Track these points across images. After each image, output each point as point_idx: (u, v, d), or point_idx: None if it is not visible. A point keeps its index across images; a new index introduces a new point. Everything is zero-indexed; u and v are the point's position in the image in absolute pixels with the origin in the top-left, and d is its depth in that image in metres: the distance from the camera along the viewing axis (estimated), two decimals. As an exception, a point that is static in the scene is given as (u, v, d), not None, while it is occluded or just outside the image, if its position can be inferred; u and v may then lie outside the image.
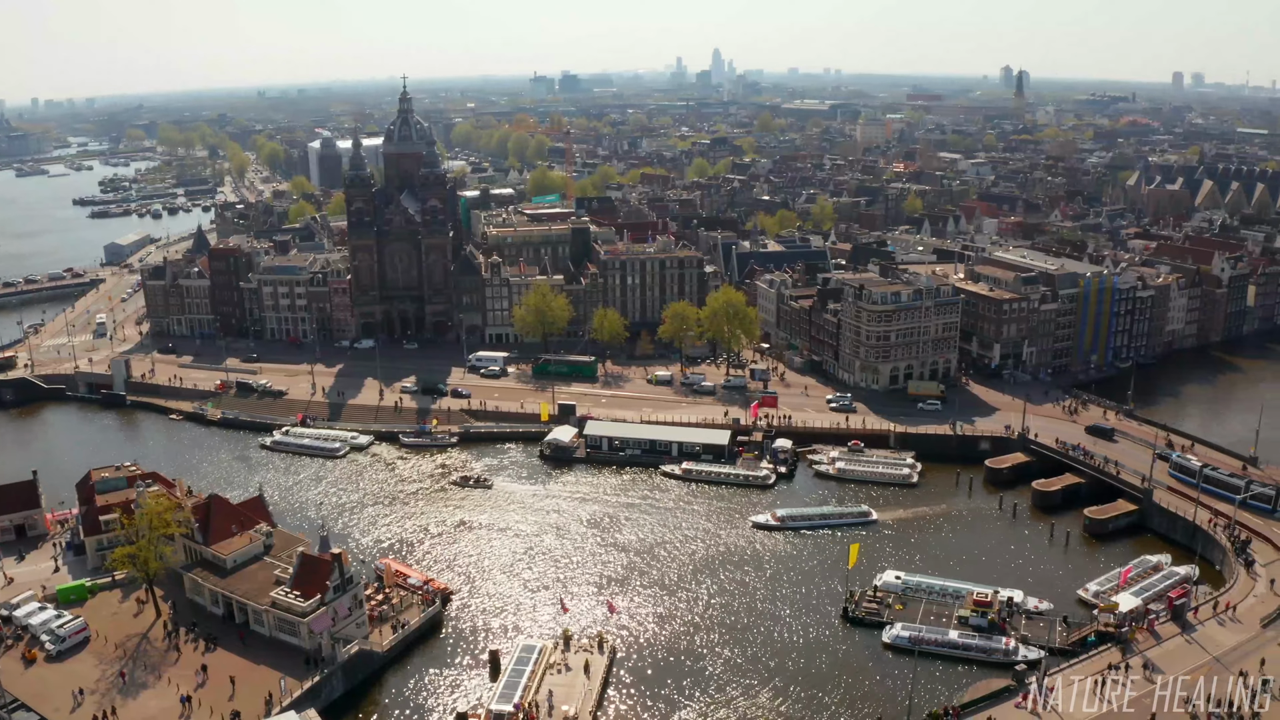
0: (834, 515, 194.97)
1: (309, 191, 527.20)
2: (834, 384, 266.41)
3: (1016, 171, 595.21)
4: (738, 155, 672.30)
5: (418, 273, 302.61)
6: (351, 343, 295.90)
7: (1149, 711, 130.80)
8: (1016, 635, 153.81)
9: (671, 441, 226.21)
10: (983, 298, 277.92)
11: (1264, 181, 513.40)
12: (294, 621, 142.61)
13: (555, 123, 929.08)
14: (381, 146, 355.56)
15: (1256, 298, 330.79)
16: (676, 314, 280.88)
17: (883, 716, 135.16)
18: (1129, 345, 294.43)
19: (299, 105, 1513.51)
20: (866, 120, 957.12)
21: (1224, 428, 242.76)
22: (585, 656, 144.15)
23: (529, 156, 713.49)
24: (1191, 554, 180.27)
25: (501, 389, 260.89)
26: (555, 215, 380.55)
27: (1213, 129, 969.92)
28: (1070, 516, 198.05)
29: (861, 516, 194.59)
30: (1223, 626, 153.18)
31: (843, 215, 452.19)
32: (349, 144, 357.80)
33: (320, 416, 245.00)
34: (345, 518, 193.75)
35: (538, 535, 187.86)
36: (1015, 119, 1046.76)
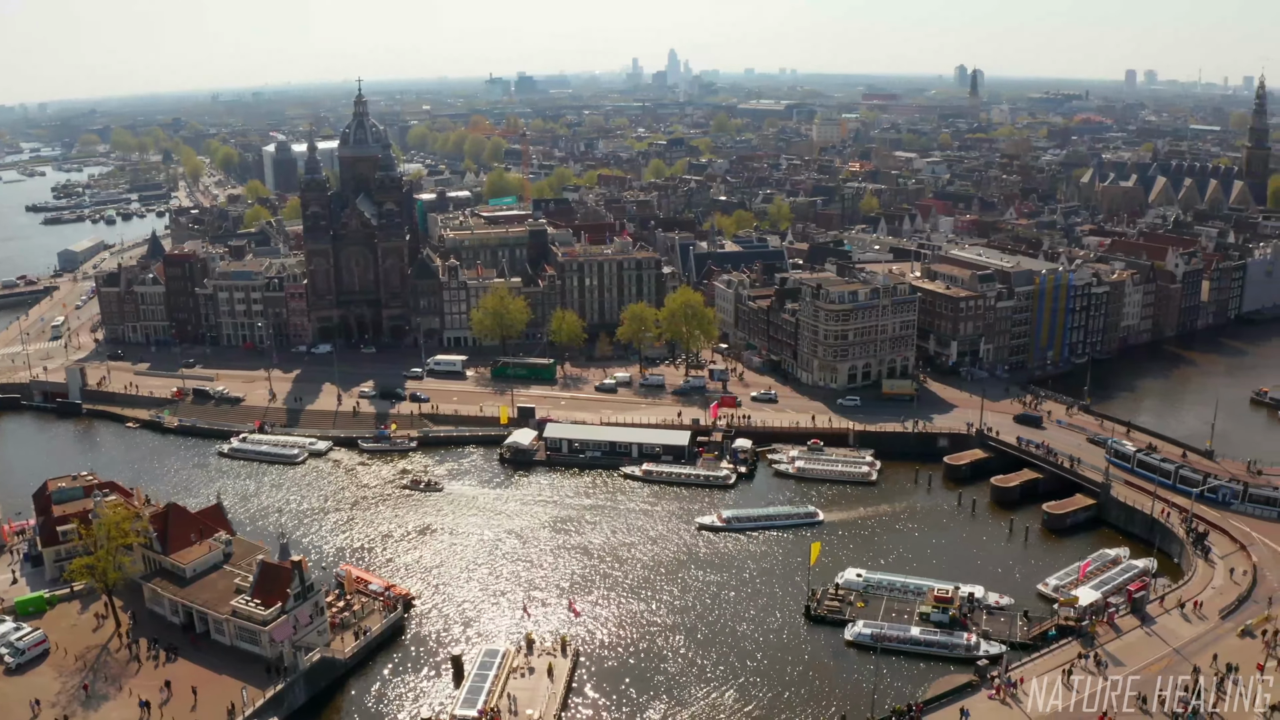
0: (780, 516, 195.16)
1: (264, 196, 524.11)
2: (792, 383, 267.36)
3: (972, 170, 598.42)
4: (694, 156, 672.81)
5: (374, 277, 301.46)
6: (308, 348, 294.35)
7: (1111, 704, 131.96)
8: (978, 630, 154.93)
9: (631, 443, 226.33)
10: (939, 296, 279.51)
11: (1216, 177, 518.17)
12: (255, 630, 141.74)
13: (511, 124, 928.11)
14: (337, 150, 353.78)
15: (1210, 293, 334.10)
16: (635, 315, 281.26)
17: (846, 714, 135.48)
18: (1085, 341, 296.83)
19: (253, 109, 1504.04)
20: (822, 120, 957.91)
21: (1180, 421, 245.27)
22: (548, 660, 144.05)
23: (485, 159, 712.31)
24: (1150, 547, 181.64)
25: (460, 392, 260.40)
26: (512, 217, 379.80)
27: (1166, 126, 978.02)
28: (1029, 512, 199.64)
29: (808, 517, 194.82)
30: (1182, 619, 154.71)
31: (799, 215, 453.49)
32: (304, 147, 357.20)
33: (278, 423, 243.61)
34: (305, 524, 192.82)
35: (499, 539, 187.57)
36: (970, 118, 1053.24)
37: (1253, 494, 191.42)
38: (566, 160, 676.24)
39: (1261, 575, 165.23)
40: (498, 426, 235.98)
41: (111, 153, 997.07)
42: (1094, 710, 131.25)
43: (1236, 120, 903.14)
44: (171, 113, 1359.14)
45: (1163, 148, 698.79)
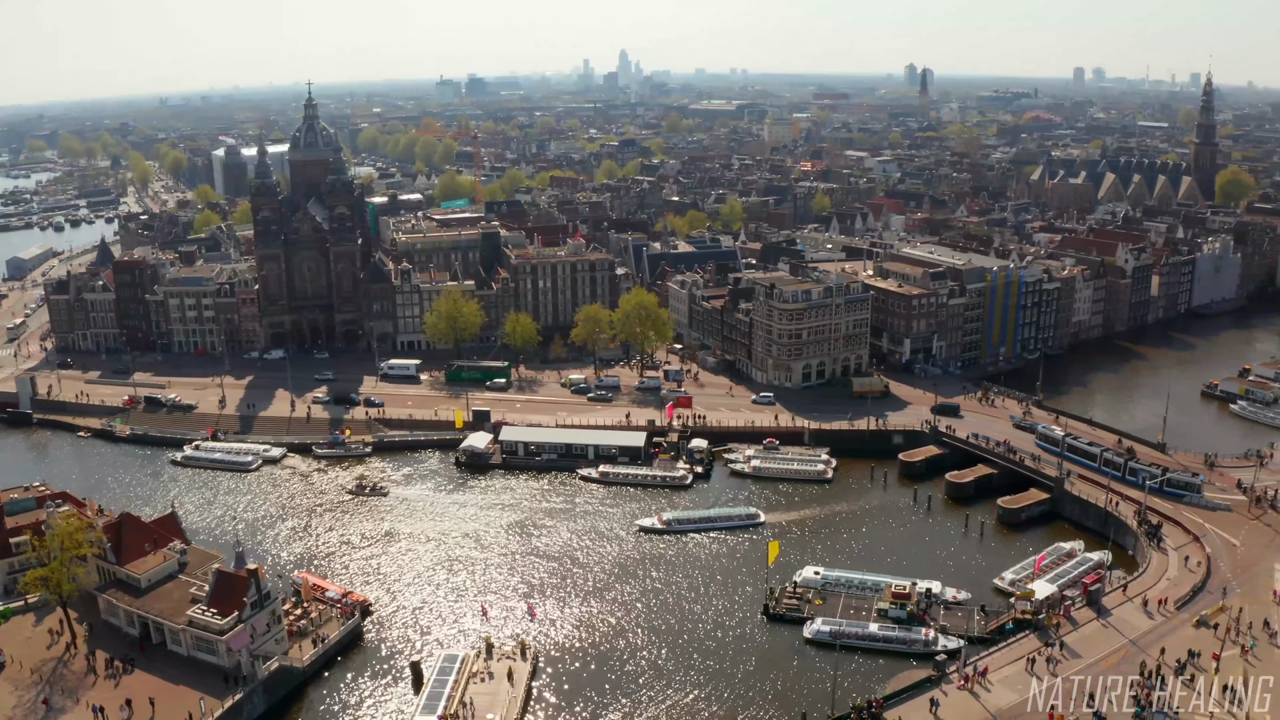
0: (720, 518, 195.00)
1: (214, 201, 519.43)
2: (747, 383, 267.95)
3: (922, 168, 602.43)
4: (646, 156, 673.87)
5: (326, 281, 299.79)
6: (261, 354, 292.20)
7: (1069, 696, 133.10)
8: (935, 626, 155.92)
9: (587, 445, 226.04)
10: (892, 294, 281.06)
11: (1165, 173, 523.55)
12: (212, 640, 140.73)
13: (463, 127, 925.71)
14: (287, 154, 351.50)
15: (1160, 287, 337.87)
16: (589, 317, 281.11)
17: (807, 711, 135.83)
18: (1036, 337, 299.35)
19: (202, 113, 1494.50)
20: (773, 120, 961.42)
21: (1131, 415, 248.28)
22: (508, 664, 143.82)
23: (437, 161, 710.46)
24: (1104, 540, 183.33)
25: (415, 396, 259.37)
26: (465, 220, 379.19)
27: (1114, 123, 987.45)
28: (984, 507, 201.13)
29: (749, 519, 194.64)
30: (1138, 611, 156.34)
31: (752, 215, 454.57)
32: (254, 152, 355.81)
33: (231, 430, 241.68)
34: (260, 532, 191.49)
35: (456, 543, 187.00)
36: (920, 116, 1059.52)
37: (1170, 479, 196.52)
38: (518, 162, 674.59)
39: (1215, 566, 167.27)
40: (453, 430, 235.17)
41: (59, 158, 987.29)
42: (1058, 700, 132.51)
43: (1184, 117, 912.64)
44: (119, 117, 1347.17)
45: (1111, 145, 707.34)
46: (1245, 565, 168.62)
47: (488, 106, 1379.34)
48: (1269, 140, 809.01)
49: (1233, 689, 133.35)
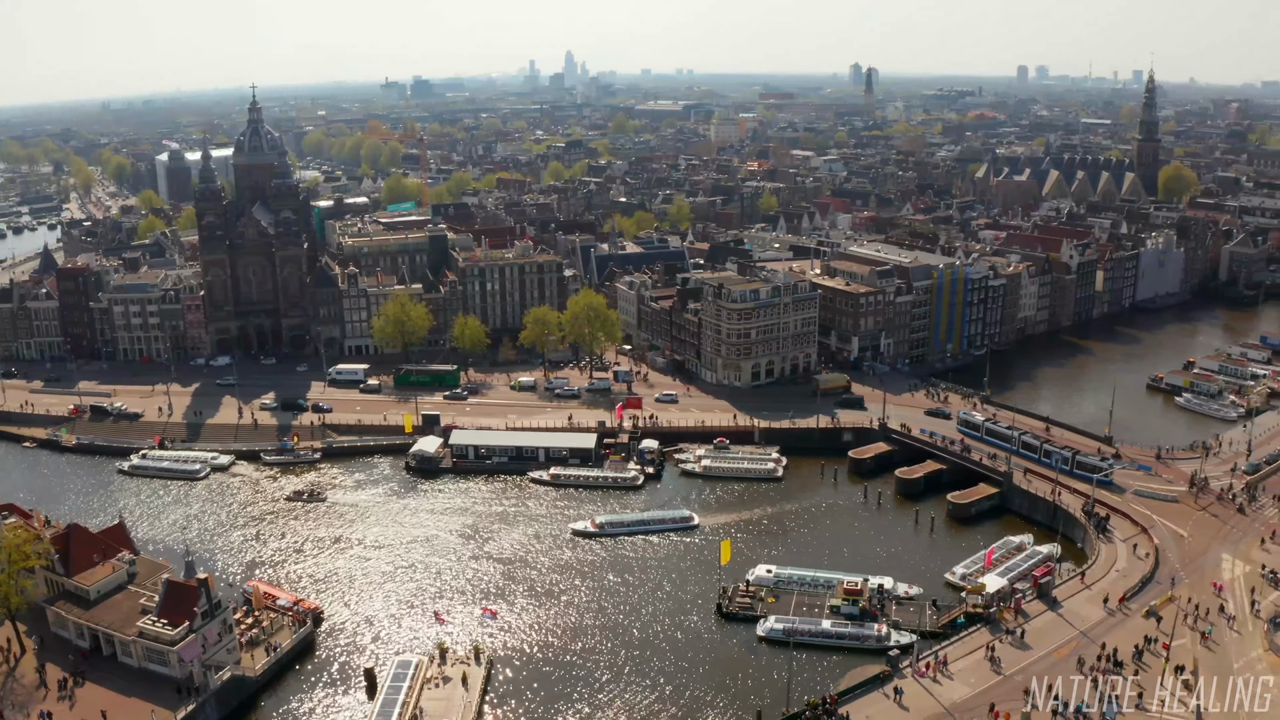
0: (654, 521, 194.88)
1: (158, 206, 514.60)
2: (697, 383, 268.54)
3: (868, 167, 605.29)
4: (593, 158, 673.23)
5: (273, 286, 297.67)
6: (207, 360, 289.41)
7: (1021, 688, 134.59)
8: (888, 621, 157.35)
9: (538, 447, 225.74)
10: (840, 292, 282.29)
11: (1108, 170, 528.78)
12: (163, 650, 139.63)
13: (409, 129, 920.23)
14: (232, 158, 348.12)
15: (1104, 282, 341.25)
16: (537, 319, 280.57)
17: (762, 709, 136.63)
18: (983, 333, 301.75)
19: (145, 117, 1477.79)
20: (720, 120, 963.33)
21: (1078, 409, 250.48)
22: (462, 669, 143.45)
23: (383, 164, 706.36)
24: (1053, 533, 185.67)
25: (364, 401, 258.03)
26: (411, 223, 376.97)
27: (1057, 120, 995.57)
28: (934, 502, 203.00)
29: (683, 521, 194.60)
30: (1088, 602, 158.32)
31: (699, 215, 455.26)
32: (198, 156, 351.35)
33: (178, 438, 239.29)
34: (210, 541, 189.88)
35: (408, 548, 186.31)
36: (866, 115, 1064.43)
37: (1080, 461, 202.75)
38: (465, 164, 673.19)
39: (1164, 557, 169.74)
40: (402, 435, 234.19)
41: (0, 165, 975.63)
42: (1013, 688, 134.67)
43: (1127, 114, 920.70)
44: (61, 122, 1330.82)
45: (1055, 142, 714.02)
46: (1193, 555, 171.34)
47: (433, 109, 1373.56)
48: (1210, 136, 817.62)
49: (1185, 679, 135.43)
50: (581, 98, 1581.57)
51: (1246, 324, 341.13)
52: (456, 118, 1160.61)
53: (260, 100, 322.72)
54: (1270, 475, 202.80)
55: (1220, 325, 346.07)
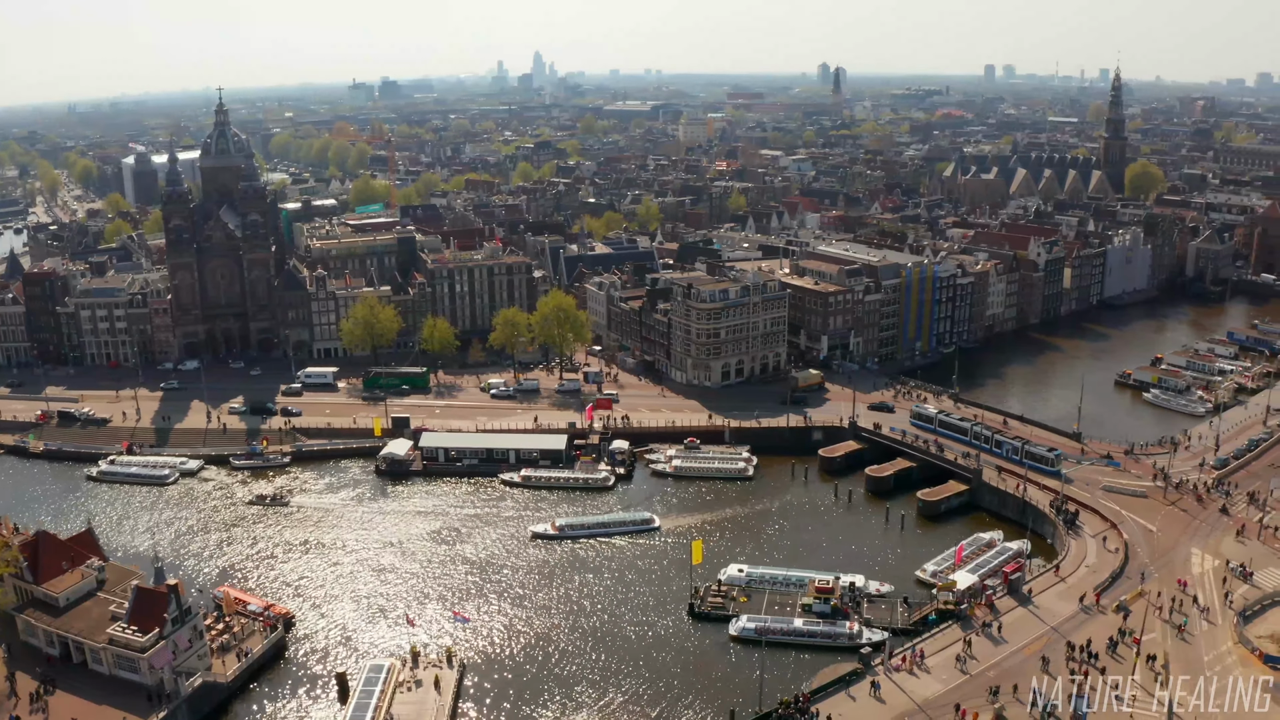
0: (614, 523, 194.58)
1: (125, 209, 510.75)
2: (667, 383, 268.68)
3: (836, 166, 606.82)
4: (562, 158, 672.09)
5: (241, 289, 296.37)
6: (175, 364, 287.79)
7: (994, 684, 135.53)
8: (859, 619, 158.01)
9: (509, 449, 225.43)
10: (809, 291, 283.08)
11: (1075, 168, 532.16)
12: (133, 658, 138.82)
13: (376, 130, 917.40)
14: (199, 160, 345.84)
15: (1072, 280, 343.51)
16: (507, 321, 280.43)
17: (735, 709, 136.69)
18: (952, 331, 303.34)
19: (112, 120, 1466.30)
20: (688, 120, 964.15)
21: (1047, 406, 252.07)
22: (434, 672, 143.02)
23: (351, 166, 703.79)
24: (1023, 529, 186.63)
25: (333, 405, 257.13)
26: (380, 225, 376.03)
27: (1025, 119, 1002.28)
28: (904, 500, 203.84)
29: (644, 524, 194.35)
30: (1058, 597, 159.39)
31: (668, 215, 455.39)
32: (165, 159, 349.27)
33: (147, 443, 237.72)
34: (179, 547, 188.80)
35: (379, 552, 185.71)
36: (834, 115, 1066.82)
37: (1029, 451, 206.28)
38: (433, 165, 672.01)
39: (1133, 552, 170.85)
40: (372, 438, 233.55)
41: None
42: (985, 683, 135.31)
43: (1094, 112, 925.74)
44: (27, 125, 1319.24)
45: (1022, 140, 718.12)
46: (1163, 550, 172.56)
47: (401, 110, 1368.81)
48: (1177, 133, 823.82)
49: (1157, 673, 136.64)
50: (550, 98, 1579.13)
51: (1213, 320, 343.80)
52: (424, 119, 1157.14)
53: (227, 102, 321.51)
54: (1238, 470, 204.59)
55: (1187, 321, 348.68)
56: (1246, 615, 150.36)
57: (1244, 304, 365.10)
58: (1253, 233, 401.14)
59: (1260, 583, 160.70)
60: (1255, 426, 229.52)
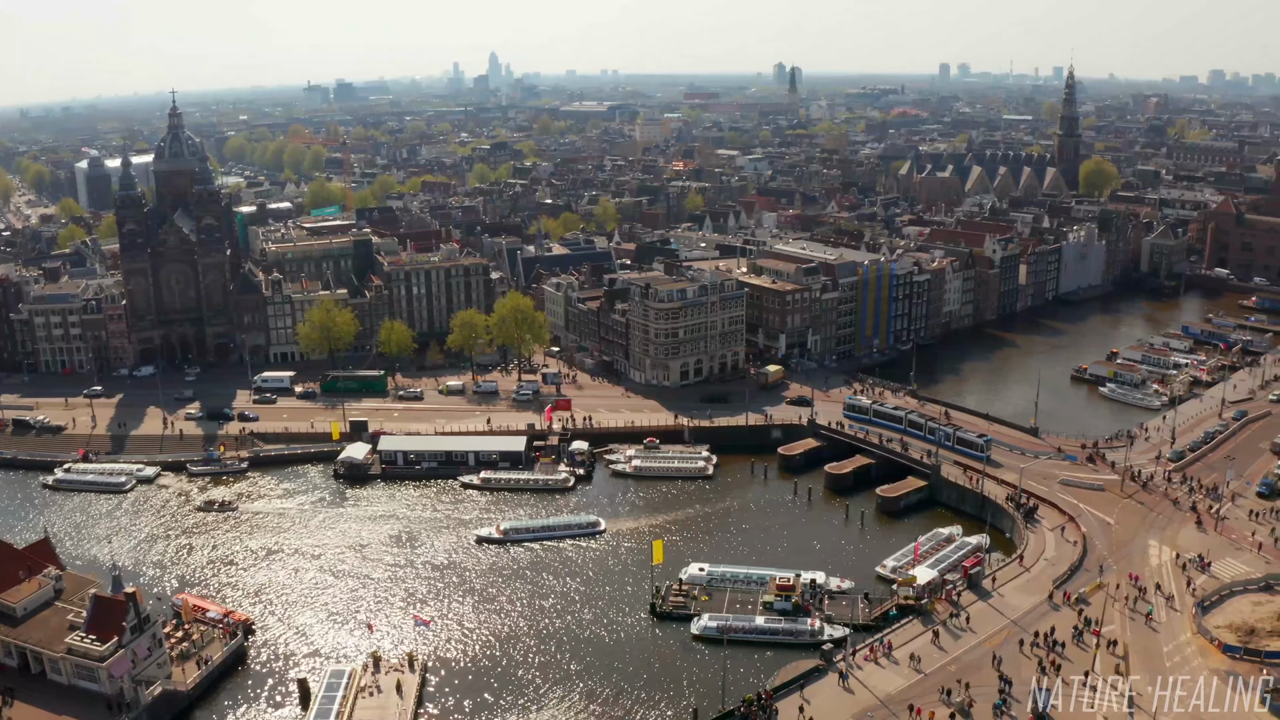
0: (559, 527, 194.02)
1: (78, 214, 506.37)
2: (626, 383, 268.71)
3: (793, 165, 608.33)
4: (518, 159, 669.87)
5: (196, 294, 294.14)
6: (131, 370, 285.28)
7: (954, 678, 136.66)
8: (821, 615, 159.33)
9: (468, 451, 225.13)
10: (766, 290, 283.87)
11: (1030, 165, 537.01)
12: (92, 667, 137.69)
13: (331, 133, 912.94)
14: (152, 164, 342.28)
15: (1028, 276, 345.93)
16: (465, 322, 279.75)
17: (698, 707, 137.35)
18: (909, 328, 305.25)
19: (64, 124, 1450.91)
20: (645, 120, 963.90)
21: (1004, 401, 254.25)
22: (396, 676, 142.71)
23: (306, 168, 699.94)
24: (981, 524, 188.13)
25: (290, 409, 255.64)
26: (335, 228, 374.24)
27: (979, 117, 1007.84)
28: (863, 497, 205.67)
29: (590, 527, 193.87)
30: (1018, 591, 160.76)
31: (625, 215, 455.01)
32: (118, 163, 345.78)
33: (103, 450, 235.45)
34: (137, 554, 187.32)
35: (338, 557, 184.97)
36: (790, 114, 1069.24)
37: (959, 438, 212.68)
38: (389, 168, 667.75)
39: (1091, 544, 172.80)
40: (330, 442, 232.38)
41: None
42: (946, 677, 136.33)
43: (1048, 110, 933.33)
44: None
45: (977, 138, 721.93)
46: (1121, 543, 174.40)
47: (357, 112, 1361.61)
48: (1130, 130, 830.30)
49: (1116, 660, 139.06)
50: (506, 99, 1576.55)
51: (1168, 314, 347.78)
52: (380, 121, 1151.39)
53: (181, 105, 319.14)
54: (1195, 462, 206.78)
55: (1142, 316, 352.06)
56: (1205, 606, 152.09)
57: (1198, 298, 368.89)
58: (1206, 228, 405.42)
59: (1218, 573, 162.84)
60: (1211, 419, 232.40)
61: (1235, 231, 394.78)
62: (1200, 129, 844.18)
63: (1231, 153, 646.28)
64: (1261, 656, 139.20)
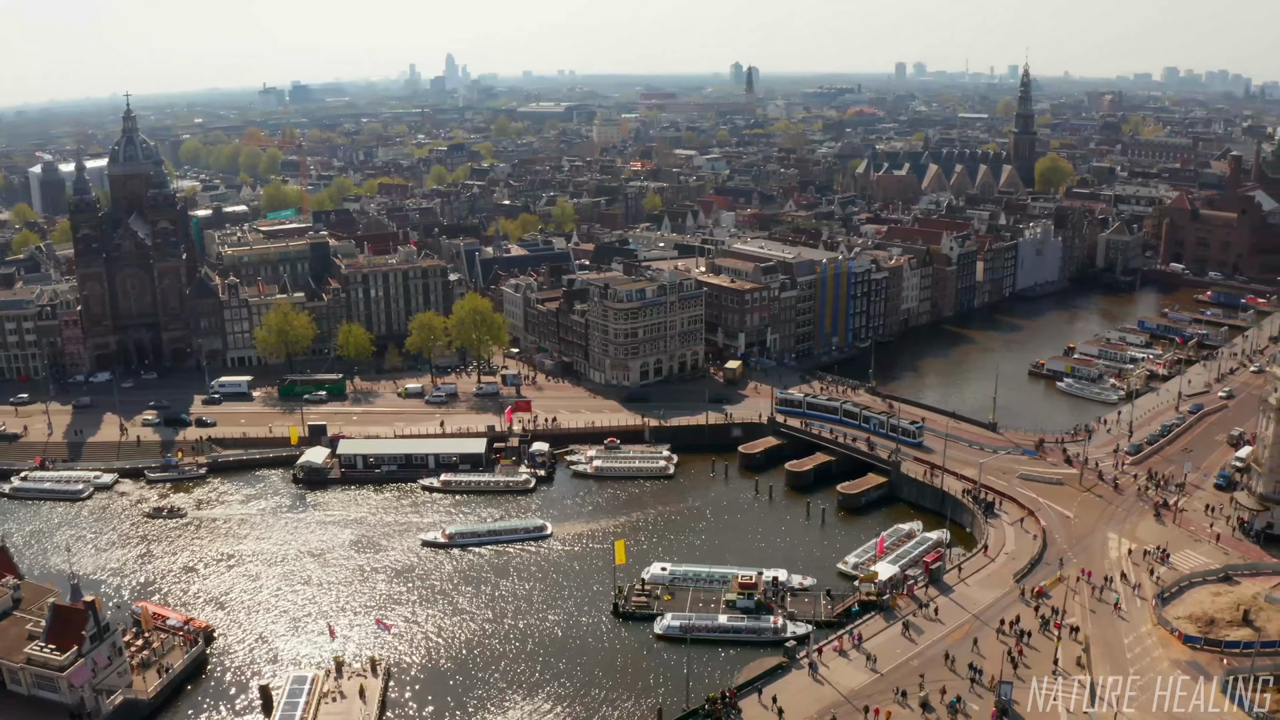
0: (504, 531, 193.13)
1: (32, 220, 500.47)
2: (586, 384, 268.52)
3: (751, 165, 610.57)
4: (476, 161, 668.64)
5: (152, 299, 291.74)
6: (87, 377, 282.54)
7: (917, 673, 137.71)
8: (783, 613, 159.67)
9: (428, 454, 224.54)
10: (725, 289, 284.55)
11: (986, 163, 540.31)
12: (52, 677, 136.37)
13: (288, 135, 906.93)
14: (107, 168, 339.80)
15: (985, 273, 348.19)
16: (423, 325, 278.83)
17: (662, 707, 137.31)
18: (868, 325, 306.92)
19: (17, 128, 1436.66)
20: (602, 121, 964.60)
21: (963, 397, 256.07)
22: (359, 681, 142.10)
23: (262, 171, 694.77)
24: (942, 519, 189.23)
25: (248, 414, 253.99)
26: (292, 231, 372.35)
27: (936, 115, 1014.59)
28: (824, 494, 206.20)
29: (536, 531, 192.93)
30: (979, 585, 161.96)
31: (584, 216, 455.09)
32: (72, 167, 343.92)
33: (60, 458, 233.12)
34: (96, 562, 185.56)
35: (299, 562, 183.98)
36: (747, 114, 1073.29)
37: (892, 424, 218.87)
38: (346, 170, 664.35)
39: (1051, 538, 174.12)
40: (289, 447, 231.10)
41: None
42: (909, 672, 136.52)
43: (1003, 108, 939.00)
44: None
45: (934, 136, 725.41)
46: (1080, 536, 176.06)
47: (313, 114, 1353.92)
48: (1085, 128, 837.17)
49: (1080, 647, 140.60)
50: (463, 101, 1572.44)
51: (1124, 309, 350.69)
52: (336, 123, 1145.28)
53: (135, 109, 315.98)
54: (1152, 455, 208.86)
55: (1099, 311, 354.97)
56: (1165, 597, 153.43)
57: (1154, 293, 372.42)
58: (1161, 223, 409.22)
59: (1177, 564, 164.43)
60: (1168, 412, 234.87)
61: (1190, 227, 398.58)
62: (1154, 126, 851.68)
63: (1185, 149, 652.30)
64: (1221, 646, 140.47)
